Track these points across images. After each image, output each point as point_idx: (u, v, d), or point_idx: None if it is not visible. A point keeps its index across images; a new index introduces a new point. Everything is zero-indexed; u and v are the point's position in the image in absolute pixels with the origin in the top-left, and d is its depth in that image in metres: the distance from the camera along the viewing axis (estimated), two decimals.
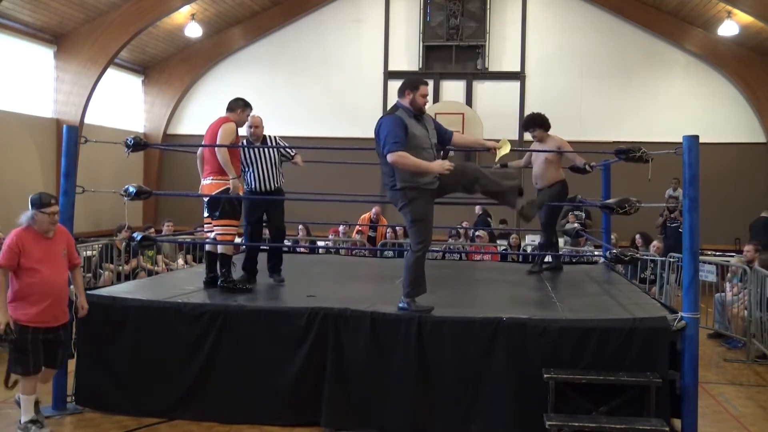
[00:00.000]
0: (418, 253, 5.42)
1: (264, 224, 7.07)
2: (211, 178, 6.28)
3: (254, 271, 6.79)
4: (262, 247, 7.10)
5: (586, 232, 10.97)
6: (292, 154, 6.98)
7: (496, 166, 8.32)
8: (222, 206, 6.27)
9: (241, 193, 6.48)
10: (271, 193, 6.78)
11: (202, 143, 6.50)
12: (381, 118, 5.44)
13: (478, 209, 14.34)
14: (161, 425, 5.48)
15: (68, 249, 5.32)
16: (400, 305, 5.50)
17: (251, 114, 6.65)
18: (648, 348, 5.11)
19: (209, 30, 16.61)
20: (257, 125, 6.75)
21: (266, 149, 6.73)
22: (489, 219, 14.11)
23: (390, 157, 5.20)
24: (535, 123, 7.72)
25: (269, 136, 6.89)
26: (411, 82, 5.47)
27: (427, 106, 5.51)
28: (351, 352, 5.41)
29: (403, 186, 5.33)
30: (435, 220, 5.52)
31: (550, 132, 7.75)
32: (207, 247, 6.60)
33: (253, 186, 6.77)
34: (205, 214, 6.52)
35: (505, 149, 5.72)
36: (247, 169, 6.75)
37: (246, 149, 6.65)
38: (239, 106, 6.45)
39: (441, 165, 5.26)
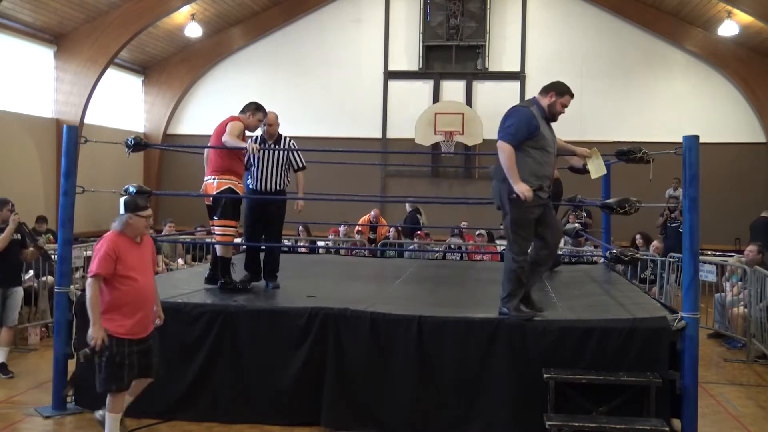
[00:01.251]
0: (519, 262, 5.23)
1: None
2: (214, 177, 6.24)
3: (257, 271, 6.76)
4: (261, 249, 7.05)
5: (586, 232, 10.97)
6: (299, 166, 6.74)
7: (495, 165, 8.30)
8: (223, 207, 6.25)
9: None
10: (272, 195, 6.65)
11: (209, 142, 6.50)
12: (517, 105, 5.34)
13: (408, 207, 14.25)
14: (161, 425, 5.48)
15: (152, 256, 4.99)
16: (501, 310, 5.35)
17: (270, 111, 6.58)
18: (648, 348, 5.11)
19: (209, 30, 16.62)
20: (272, 123, 6.62)
21: (272, 151, 6.57)
22: (419, 216, 14.01)
23: (499, 143, 5.12)
24: None
25: (285, 138, 6.71)
26: (559, 87, 5.38)
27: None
28: (351, 352, 5.41)
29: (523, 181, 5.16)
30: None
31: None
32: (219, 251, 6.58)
33: (254, 185, 6.63)
34: (214, 217, 6.43)
35: (597, 158, 5.67)
36: (252, 167, 6.62)
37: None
38: (250, 109, 6.41)
39: (525, 189, 5.09)
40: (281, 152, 6.61)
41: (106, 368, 4.59)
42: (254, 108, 6.43)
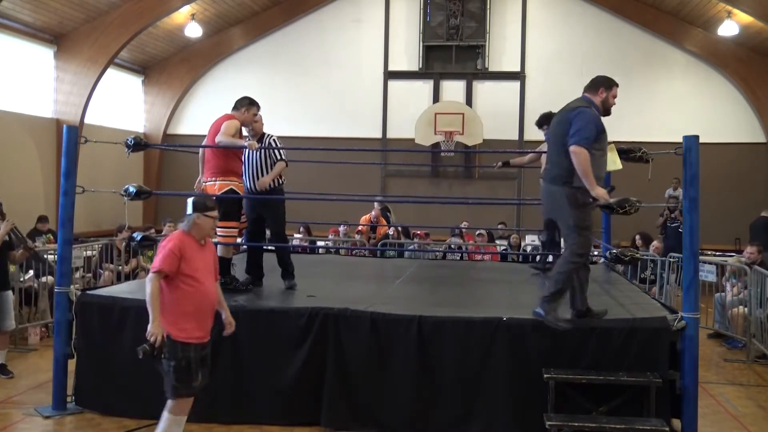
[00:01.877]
0: (577, 263, 5.12)
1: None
2: (215, 178, 6.21)
3: (259, 274, 6.72)
4: (266, 251, 7.02)
5: None
6: (275, 159, 6.56)
7: (497, 165, 8.30)
8: (225, 208, 6.23)
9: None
10: (262, 195, 6.57)
11: (204, 142, 6.47)
12: (579, 107, 5.12)
13: (377, 205, 14.23)
14: None
15: (215, 261, 4.83)
16: (536, 311, 5.19)
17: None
18: (648, 348, 5.11)
19: (209, 30, 16.62)
20: (256, 120, 6.55)
21: (258, 151, 6.48)
22: (388, 215, 13.98)
23: (575, 148, 4.92)
24: (549, 120, 7.69)
25: (267, 135, 6.64)
26: (607, 80, 5.25)
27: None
28: (351, 352, 5.41)
29: (580, 186, 5.05)
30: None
31: None
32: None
33: (246, 185, 6.58)
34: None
35: (612, 153, 5.60)
36: (245, 168, 6.59)
37: (245, 150, 6.53)
38: (244, 105, 6.35)
39: (603, 193, 5.04)
40: (263, 151, 6.51)
41: (174, 374, 4.41)
42: (248, 103, 6.37)
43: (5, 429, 5.40)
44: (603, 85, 5.23)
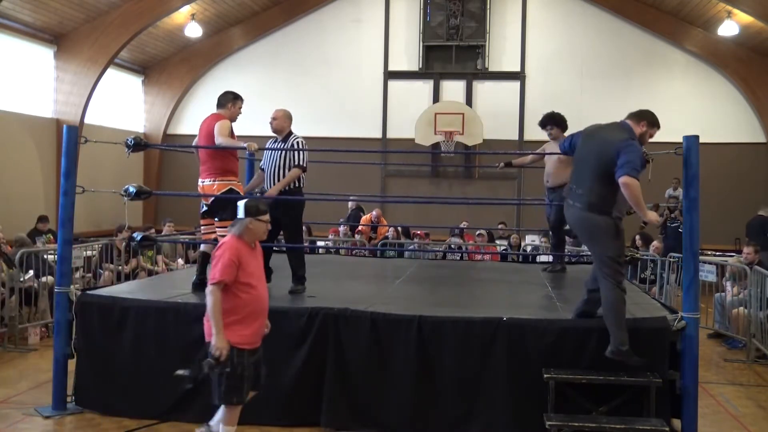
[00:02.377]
0: (618, 291, 4.95)
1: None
2: (214, 179, 6.20)
3: (267, 273, 6.71)
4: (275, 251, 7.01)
5: None
6: (295, 163, 6.52)
7: (500, 165, 8.30)
8: (225, 208, 6.22)
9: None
10: (279, 194, 6.50)
11: (196, 141, 6.48)
12: (627, 139, 4.90)
13: (351, 204, 14.24)
14: (161, 425, 5.48)
15: (262, 262, 4.74)
16: (608, 353, 4.96)
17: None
18: (648, 348, 5.11)
19: (209, 30, 16.62)
20: (274, 117, 6.57)
21: (277, 150, 6.52)
22: (361, 213, 13.99)
23: (626, 179, 4.73)
24: (554, 121, 7.70)
25: (293, 136, 6.59)
26: (652, 118, 5.11)
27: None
28: (351, 352, 5.40)
29: (617, 216, 5.01)
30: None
31: (566, 133, 7.72)
32: (202, 248, 6.54)
33: (265, 185, 6.62)
34: (203, 217, 6.37)
35: None
36: (265, 167, 6.63)
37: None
38: (229, 100, 6.33)
39: (656, 218, 5.09)
40: (285, 152, 6.52)
41: (226, 380, 4.33)
42: (233, 98, 6.36)
43: (5, 429, 5.39)
44: (647, 120, 5.09)
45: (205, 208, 6.33)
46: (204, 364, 4.27)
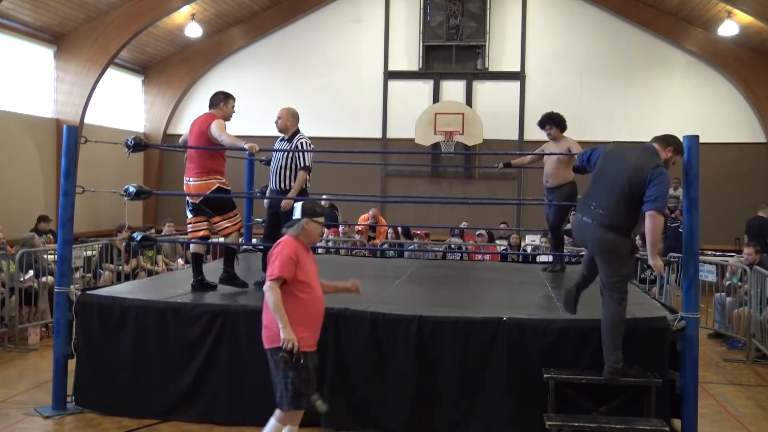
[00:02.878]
0: (621, 308, 4.94)
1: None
2: (207, 178, 6.20)
3: None
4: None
5: None
6: (300, 166, 6.58)
7: (499, 166, 8.31)
8: (220, 204, 6.25)
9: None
10: (283, 194, 6.61)
11: (184, 139, 6.51)
12: (659, 166, 4.81)
13: (324, 203, 14.20)
14: (161, 425, 5.48)
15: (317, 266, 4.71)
16: (610, 370, 4.93)
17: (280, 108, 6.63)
18: (648, 348, 5.11)
19: (209, 30, 16.62)
20: (279, 116, 6.63)
21: (278, 150, 6.61)
22: (336, 212, 13.98)
23: (655, 213, 4.69)
24: (553, 121, 7.69)
25: (298, 136, 6.63)
26: (678, 145, 5.04)
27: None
28: (351, 352, 5.40)
29: (633, 237, 5.06)
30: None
31: (565, 134, 7.73)
32: (192, 249, 6.50)
33: (270, 184, 6.73)
34: (189, 215, 6.35)
35: None
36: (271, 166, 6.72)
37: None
38: (220, 100, 6.36)
39: (661, 265, 5.04)
40: (285, 151, 6.58)
41: (293, 384, 4.26)
42: (224, 97, 6.38)
43: (5, 429, 5.40)
44: (674, 146, 5.01)
45: (191, 207, 6.32)
46: (277, 359, 4.21)
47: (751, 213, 13.56)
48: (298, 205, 4.54)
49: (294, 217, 4.52)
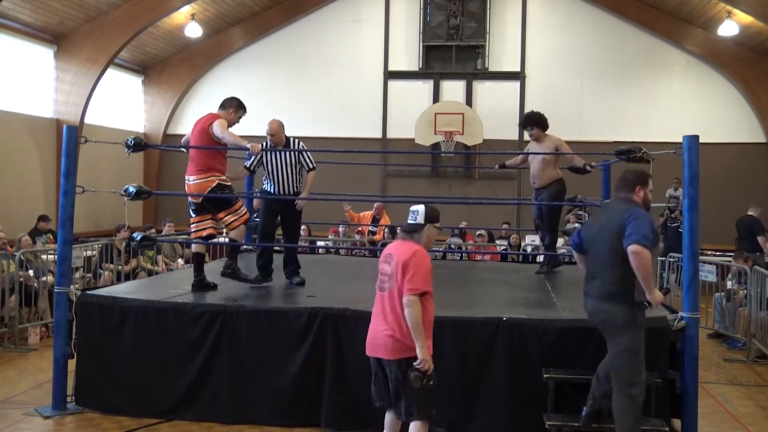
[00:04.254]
0: (640, 390, 4.51)
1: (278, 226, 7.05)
2: (207, 176, 6.21)
3: (269, 270, 6.79)
4: (276, 251, 7.06)
5: None
6: (309, 167, 6.73)
7: (496, 166, 8.33)
8: (223, 200, 6.25)
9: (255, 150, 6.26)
10: (289, 197, 6.69)
11: (187, 138, 6.52)
12: (630, 208, 4.51)
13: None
14: (161, 425, 5.48)
15: None
16: None
17: (270, 120, 6.62)
18: (648, 348, 5.09)
19: (209, 30, 16.61)
20: (272, 133, 6.61)
21: (283, 153, 6.63)
22: None
23: (636, 248, 4.29)
24: (533, 121, 7.69)
25: (292, 139, 6.75)
26: (641, 176, 4.71)
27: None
28: (351, 352, 5.40)
29: (639, 301, 4.51)
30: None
31: (549, 132, 7.74)
32: (194, 248, 6.52)
33: (271, 188, 6.74)
34: (193, 215, 6.36)
35: None
36: (266, 175, 6.74)
37: (266, 154, 6.62)
38: (233, 106, 6.39)
39: (661, 298, 4.58)
40: (291, 154, 6.65)
41: (427, 393, 4.21)
42: (237, 105, 6.40)
43: (5, 429, 5.40)
44: (640, 182, 4.67)
45: (193, 206, 6.33)
46: (413, 379, 4.15)
47: None
48: (421, 211, 4.39)
49: (411, 222, 4.38)
